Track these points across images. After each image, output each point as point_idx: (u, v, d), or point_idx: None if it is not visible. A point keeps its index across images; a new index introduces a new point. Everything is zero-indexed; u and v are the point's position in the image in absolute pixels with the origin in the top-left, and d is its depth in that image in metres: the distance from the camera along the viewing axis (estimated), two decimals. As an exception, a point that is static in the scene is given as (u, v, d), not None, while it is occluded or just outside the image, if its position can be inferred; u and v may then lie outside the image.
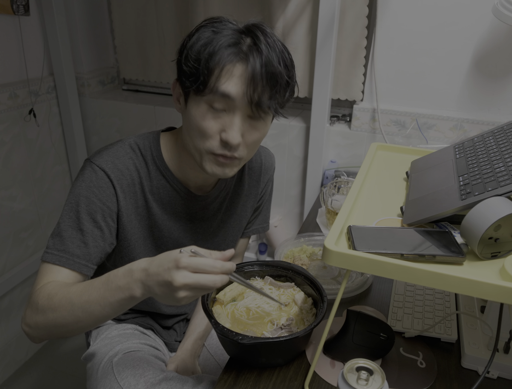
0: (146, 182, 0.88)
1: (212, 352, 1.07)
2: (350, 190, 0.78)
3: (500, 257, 0.62)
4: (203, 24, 0.77)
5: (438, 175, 0.79)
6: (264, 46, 0.74)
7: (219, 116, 0.76)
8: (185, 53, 0.76)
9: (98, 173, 0.83)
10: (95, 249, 0.83)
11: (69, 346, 1.95)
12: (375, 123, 1.57)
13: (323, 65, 1.45)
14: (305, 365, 0.78)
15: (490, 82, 1.41)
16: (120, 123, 1.89)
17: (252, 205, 1.06)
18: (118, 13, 1.79)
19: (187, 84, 0.76)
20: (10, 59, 1.59)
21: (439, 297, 0.93)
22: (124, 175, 0.85)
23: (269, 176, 1.08)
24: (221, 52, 0.73)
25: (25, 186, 1.74)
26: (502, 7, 1.16)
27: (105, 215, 0.84)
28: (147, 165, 0.88)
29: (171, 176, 0.89)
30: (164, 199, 0.90)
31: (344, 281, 0.64)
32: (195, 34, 0.76)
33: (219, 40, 0.73)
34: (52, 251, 0.81)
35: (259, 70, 0.73)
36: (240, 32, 0.75)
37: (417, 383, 0.75)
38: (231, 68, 0.73)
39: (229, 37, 0.74)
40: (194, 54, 0.74)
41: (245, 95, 0.74)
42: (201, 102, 0.76)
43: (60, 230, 0.82)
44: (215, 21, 0.77)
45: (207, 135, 0.77)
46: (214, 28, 0.75)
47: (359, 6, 1.42)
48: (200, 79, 0.74)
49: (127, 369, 0.88)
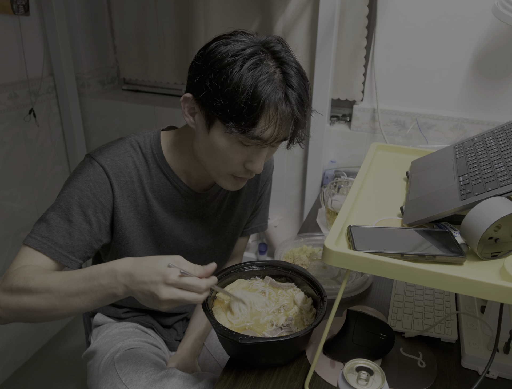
0: (146, 180, 0.88)
1: (212, 351, 1.07)
2: (350, 190, 0.78)
3: (500, 257, 0.62)
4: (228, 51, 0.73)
5: (438, 175, 0.79)
6: (296, 81, 0.75)
7: (247, 149, 0.78)
8: (218, 86, 0.73)
9: (97, 168, 0.83)
10: (79, 242, 0.82)
11: (69, 346, 1.95)
12: (375, 123, 1.57)
13: (323, 65, 1.45)
14: (305, 365, 0.78)
15: (490, 82, 1.41)
16: (120, 123, 1.89)
17: (251, 204, 1.07)
18: (118, 13, 1.79)
19: (218, 116, 0.75)
20: (10, 59, 1.59)
21: (439, 297, 0.93)
22: (123, 173, 0.85)
23: (268, 175, 1.08)
24: (264, 98, 0.71)
25: (25, 186, 1.74)
26: (502, 7, 1.16)
27: (97, 210, 0.83)
28: (147, 163, 0.88)
29: (172, 174, 0.89)
30: (164, 197, 0.91)
31: (344, 281, 0.64)
32: (225, 70, 0.72)
33: (258, 84, 0.71)
34: (36, 237, 0.80)
35: (297, 113, 0.75)
36: (268, 59, 0.74)
37: (417, 383, 0.75)
38: (272, 114, 0.73)
39: (264, 75, 0.72)
40: (232, 94, 0.72)
41: (278, 136, 0.77)
42: (232, 138, 0.76)
43: (48, 217, 0.82)
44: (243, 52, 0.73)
45: (232, 164, 0.80)
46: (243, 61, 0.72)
47: (359, 6, 1.42)
48: (239, 124, 0.73)
49: (129, 365, 0.89)
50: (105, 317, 1.07)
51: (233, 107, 0.72)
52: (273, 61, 0.75)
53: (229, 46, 0.74)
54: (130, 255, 0.91)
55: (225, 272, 0.87)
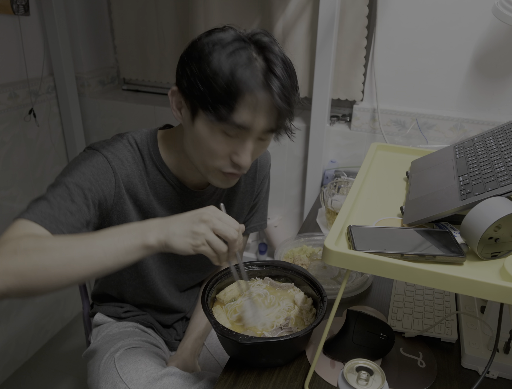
0: (144, 176, 0.88)
1: (212, 351, 1.07)
2: (350, 190, 0.78)
3: (500, 257, 0.62)
4: (209, 41, 0.74)
5: (438, 175, 0.79)
6: (279, 70, 0.73)
7: (231, 140, 0.77)
8: (198, 74, 0.73)
9: (100, 157, 0.82)
10: (78, 223, 0.76)
11: (69, 346, 1.95)
12: (375, 123, 1.57)
13: (323, 65, 1.45)
14: (305, 365, 0.78)
15: (490, 82, 1.41)
16: (120, 123, 1.89)
17: (248, 202, 1.07)
18: (118, 13, 1.79)
19: (199, 104, 0.75)
20: (10, 59, 1.59)
21: (439, 297, 0.93)
22: (124, 165, 0.85)
23: (265, 173, 1.08)
24: (242, 83, 0.71)
25: (25, 186, 1.74)
26: (502, 7, 1.16)
27: (95, 197, 0.80)
28: (143, 160, 0.88)
29: (167, 171, 0.89)
30: (160, 194, 0.91)
31: (344, 281, 0.63)
32: (205, 58, 0.73)
33: (237, 70, 0.71)
34: (35, 212, 0.72)
35: (278, 100, 0.73)
36: (251, 49, 0.74)
37: (417, 383, 0.75)
38: (251, 99, 0.72)
39: (243, 60, 0.71)
40: (210, 80, 0.72)
41: (262, 125, 0.75)
42: (214, 127, 0.75)
43: (48, 196, 0.75)
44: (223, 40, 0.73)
45: (217, 156, 0.78)
46: (223, 48, 0.72)
47: (359, 6, 1.42)
48: (219, 111, 0.72)
49: (129, 364, 0.89)
50: (105, 317, 1.07)
51: (211, 93, 0.72)
52: (256, 49, 0.74)
53: (212, 36, 0.74)
54: None
55: (224, 272, 0.86)
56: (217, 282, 0.85)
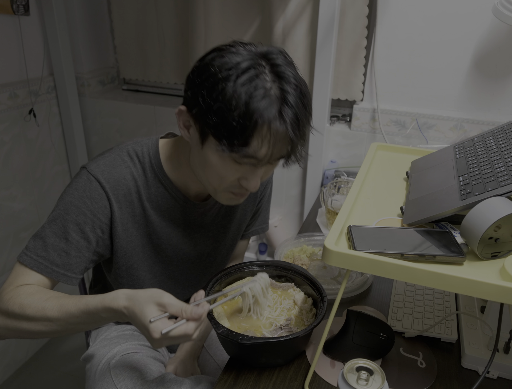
0: (144, 190, 0.86)
1: (212, 353, 1.06)
2: (350, 190, 0.78)
3: (500, 257, 0.62)
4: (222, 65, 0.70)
5: (438, 175, 0.79)
6: (294, 99, 0.70)
7: (242, 167, 0.75)
8: (210, 102, 0.70)
9: (93, 183, 0.81)
10: (77, 259, 0.81)
11: (69, 346, 1.95)
12: (375, 123, 1.57)
13: (323, 65, 1.44)
14: (305, 365, 0.78)
15: (490, 82, 1.41)
16: (120, 123, 1.89)
17: (251, 208, 1.06)
18: (118, 13, 1.79)
19: (210, 132, 0.72)
20: (10, 59, 1.59)
21: (439, 297, 0.93)
22: (121, 185, 0.83)
23: (268, 178, 1.07)
24: (257, 116, 0.68)
25: (25, 186, 1.74)
26: (502, 7, 1.16)
27: (95, 226, 0.82)
28: (145, 173, 0.86)
29: (170, 184, 0.88)
30: (162, 206, 0.89)
31: (344, 281, 0.63)
32: (219, 86, 0.69)
33: (253, 102, 0.68)
34: (32, 255, 0.79)
35: (291, 132, 0.71)
36: (265, 74, 0.70)
37: (417, 383, 0.75)
38: (265, 132, 0.70)
39: (262, 94, 0.68)
40: (224, 112, 0.68)
41: (274, 155, 0.73)
42: (224, 155, 0.73)
43: (44, 234, 0.80)
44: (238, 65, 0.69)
45: (226, 181, 0.77)
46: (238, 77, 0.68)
47: (359, 6, 1.42)
48: (231, 143, 0.70)
49: (125, 372, 0.88)
50: None
51: (225, 125, 0.69)
52: (270, 76, 0.70)
53: (224, 58, 0.70)
54: (129, 265, 0.91)
55: (225, 272, 0.87)
56: (218, 281, 0.85)
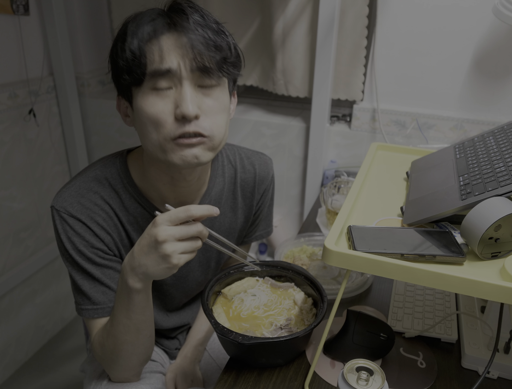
0: (121, 213, 0.83)
1: (214, 356, 1.04)
2: (350, 190, 0.78)
3: (500, 257, 0.62)
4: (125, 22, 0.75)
5: (438, 175, 0.79)
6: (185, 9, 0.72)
7: (167, 95, 0.70)
8: (114, 53, 0.73)
9: (69, 220, 0.78)
10: (113, 291, 0.82)
11: (69, 346, 1.95)
12: (375, 123, 1.57)
13: (323, 65, 1.45)
14: (305, 365, 0.78)
15: (490, 82, 1.41)
16: (120, 123, 1.89)
17: (246, 216, 1.00)
18: (118, 13, 1.79)
19: (126, 82, 0.71)
20: (10, 59, 1.59)
21: (439, 297, 0.93)
22: (95, 211, 0.79)
23: (266, 186, 1.00)
24: (146, 29, 0.69)
25: (25, 186, 1.74)
26: (502, 7, 1.16)
27: (100, 255, 0.81)
28: (119, 195, 0.82)
29: (147, 202, 0.83)
30: (143, 226, 0.84)
31: (344, 281, 0.63)
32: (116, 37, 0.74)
33: (142, 23, 0.71)
34: (85, 307, 0.82)
35: (192, 35, 0.69)
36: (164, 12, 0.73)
37: (417, 383, 0.75)
38: (162, 42, 0.69)
39: (152, 16, 0.71)
40: (120, 49, 0.71)
41: (185, 64, 0.69)
42: (145, 91, 0.71)
43: (79, 285, 0.81)
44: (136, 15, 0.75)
45: (161, 121, 0.70)
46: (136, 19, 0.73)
47: (359, 6, 1.42)
48: (135, 69, 0.69)
49: None
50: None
51: (124, 61, 0.70)
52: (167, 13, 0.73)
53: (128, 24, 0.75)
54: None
55: (225, 272, 0.86)
56: (218, 281, 0.85)
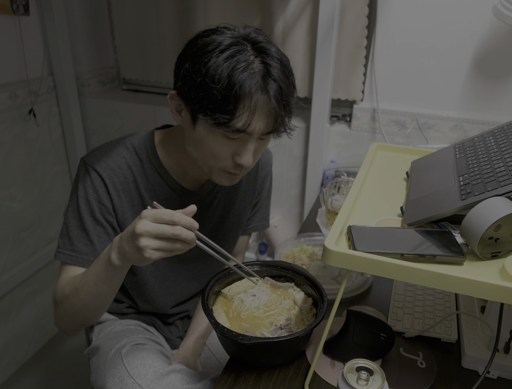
0: (141, 180, 0.90)
1: (214, 350, 1.07)
2: (350, 190, 0.78)
3: (500, 257, 0.62)
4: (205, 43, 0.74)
5: (438, 175, 0.79)
6: (276, 72, 0.73)
7: (233, 142, 0.77)
8: (195, 78, 0.73)
9: (91, 173, 0.86)
10: (100, 245, 0.87)
11: (69, 346, 1.95)
12: (375, 123, 1.57)
13: (323, 65, 1.44)
14: (305, 365, 0.78)
15: (490, 82, 1.41)
16: (120, 123, 1.89)
17: (250, 200, 1.07)
18: (118, 13, 1.79)
19: (198, 109, 0.75)
20: (10, 59, 1.59)
21: (439, 297, 0.93)
22: (116, 174, 0.87)
23: (266, 171, 1.08)
24: (240, 87, 0.70)
25: (25, 186, 1.74)
26: (502, 7, 1.16)
27: (103, 212, 0.87)
28: (142, 163, 0.89)
29: (166, 174, 0.91)
30: (160, 196, 0.92)
31: (344, 281, 0.63)
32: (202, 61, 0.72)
33: (234, 74, 0.70)
34: (63, 251, 0.87)
35: (275, 103, 0.73)
36: (248, 51, 0.73)
37: (417, 383, 0.75)
38: (249, 104, 0.72)
39: (241, 64, 0.71)
40: (208, 85, 0.71)
41: (262, 127, 0.76)
42: (214, 130, 0.76)
43: (67, 230, 0.87)
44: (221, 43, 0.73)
45: (219, 158, 0.79)
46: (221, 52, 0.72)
47: (359, 6, 1.42)
48: (218, 117, 0.72)
49: (137, 360, 0.89)
50: (108, 314, 1.07)
51: (209, 98, 0.72)
52: (253, 51, 0.74)
53: (208, 38, 0.74)
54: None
55: (225, 272, 0.86)
56: (218, 281, 0.85)
